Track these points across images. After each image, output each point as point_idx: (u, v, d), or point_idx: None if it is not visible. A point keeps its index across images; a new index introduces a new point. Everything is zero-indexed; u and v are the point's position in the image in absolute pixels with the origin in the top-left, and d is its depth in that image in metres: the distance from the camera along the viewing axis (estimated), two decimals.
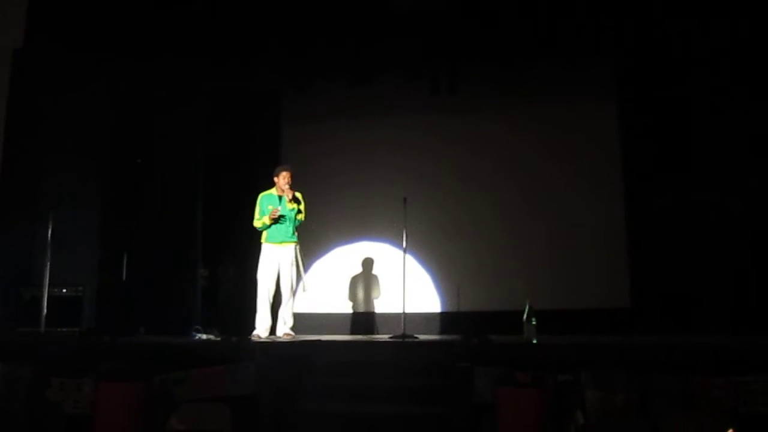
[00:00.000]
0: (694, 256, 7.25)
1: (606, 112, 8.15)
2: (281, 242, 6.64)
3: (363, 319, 8.39)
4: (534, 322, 5.82)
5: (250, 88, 8.51)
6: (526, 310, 5.82)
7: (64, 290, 6.65)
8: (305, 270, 7.01)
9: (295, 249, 6.67)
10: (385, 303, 8.25)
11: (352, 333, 8.21)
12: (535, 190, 8.23)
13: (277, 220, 6.57)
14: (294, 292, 6.68)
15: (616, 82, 8.10)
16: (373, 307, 8.39)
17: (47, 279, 6.27)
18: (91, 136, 7.54)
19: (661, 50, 7.31)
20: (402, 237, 6.84)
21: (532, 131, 8.32)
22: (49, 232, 6.30)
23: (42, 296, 6.27)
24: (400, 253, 6.92)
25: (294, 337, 6.61)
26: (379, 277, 8.42)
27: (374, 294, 8.43)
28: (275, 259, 6.64)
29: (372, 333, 8.13)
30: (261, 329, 6.60)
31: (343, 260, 8.63)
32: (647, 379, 4.57)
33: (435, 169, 8.40)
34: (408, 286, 6.81)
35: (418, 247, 7.98)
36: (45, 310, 6.24)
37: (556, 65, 7.90)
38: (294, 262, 6.65)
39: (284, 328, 6.61)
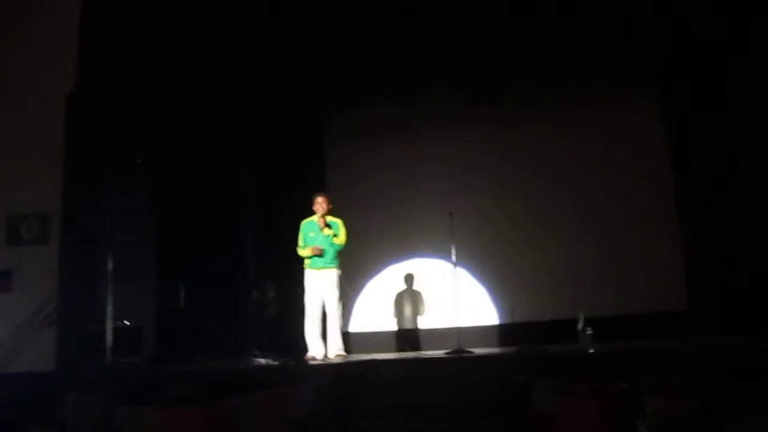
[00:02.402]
0: (753, 251, 7.03)
1: (652, 115, 8.03)
2: (321, 268, 6.57)
3: (417, 336, 8.39)
4: (590, 332, 5.75)
5: (296, 112, 8.69)
6: (581, 320, 5.75)
7: (126, 322, 6.85)
8: (348, 295, 7.01)
9: (337, 274, 6.58)
10: (437, 318, 8.24)
11: (406, 350, 8.20)
12: (583, 196, 8.16)
13: (321, 253, 6.53)
14: (340, 315, 6.66)
15: (661, 84, 7.96)
16: (427, 323, 8.38)
17: (110, 313, 6.47)
18: (144, 172, 7.76)
19: (707, 49, 7.19)
20: (450, 251, 6.84)
21: (577, 138, 8.25)
22: (109, 268, 6.50)
23: (105, 329, 6.47)
24: (451, 267, 6.92)
25: (346, 357, 6.64)
26: (431, 293, 8.41)
27: (427, 310, 8.42)
28: (317, 284, 6.58)
29: (426, 349, 8.12)
30: (314, 351, 6.64)
31: (394, 278, 8.67)
32: (711, 384, 4.46)
33: (481, 181, 8.41)
34: (460, 300, 6.80)
35: (469, 260, 7.98)
36: (110, 343, 6.43)
37: (599, 69, 7.83)
38: (337, 285, 6.57)
39: (335, 350, 6.59)
